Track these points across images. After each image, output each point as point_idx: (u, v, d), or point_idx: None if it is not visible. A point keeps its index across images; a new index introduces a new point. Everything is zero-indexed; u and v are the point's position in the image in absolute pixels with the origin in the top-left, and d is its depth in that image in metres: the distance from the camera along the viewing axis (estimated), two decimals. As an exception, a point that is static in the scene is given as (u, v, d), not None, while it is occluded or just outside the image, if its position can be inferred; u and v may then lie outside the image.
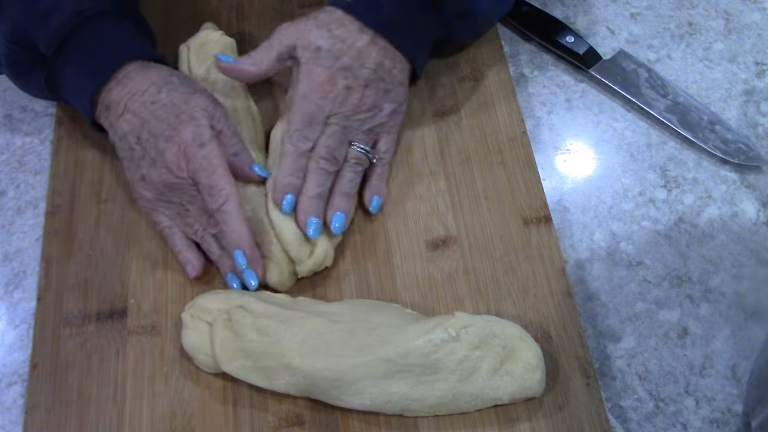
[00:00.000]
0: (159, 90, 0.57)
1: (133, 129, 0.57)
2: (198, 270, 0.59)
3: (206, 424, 0.54)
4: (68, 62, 0.58)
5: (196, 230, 0.58)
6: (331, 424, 0.54)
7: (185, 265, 0.59)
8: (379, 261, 0.60)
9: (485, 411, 0.54)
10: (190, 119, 0.56)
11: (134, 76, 0.58)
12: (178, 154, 0.56)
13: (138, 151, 0.57)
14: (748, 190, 0.64)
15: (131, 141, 0.57)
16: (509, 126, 0.66)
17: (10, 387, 0.57)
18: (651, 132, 0.67)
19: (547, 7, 0.74)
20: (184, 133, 0.56)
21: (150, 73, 0.58)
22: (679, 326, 0.59)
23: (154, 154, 0.56)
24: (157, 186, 0.57)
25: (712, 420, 0.55)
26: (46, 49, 0.58)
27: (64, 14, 0.57)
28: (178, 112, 0.56)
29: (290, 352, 0.52)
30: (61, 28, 0.57)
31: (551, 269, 0.59)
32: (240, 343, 0.53)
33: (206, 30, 0.67)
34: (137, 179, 0.58)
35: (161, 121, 0.56)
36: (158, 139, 0.56)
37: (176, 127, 0.56)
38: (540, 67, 0.71)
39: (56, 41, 0.57)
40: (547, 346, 0.56)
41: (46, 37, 0.57)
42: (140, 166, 0.57)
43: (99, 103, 0.58)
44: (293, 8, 0.73)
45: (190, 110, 0.57)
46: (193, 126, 0.56)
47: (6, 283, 0.61)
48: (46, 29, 0.57)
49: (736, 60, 0.71)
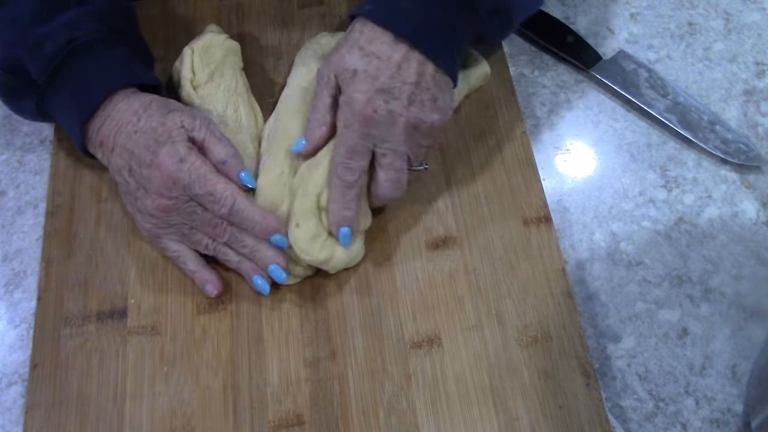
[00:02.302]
0: (139, 119, 0.57)
1: (125, 163, 0.57)
2: (218, 288, 0.58)
3: (206, 424, 0.54)
4: (59, 91, 0.58)
5: (206, 244, 0.58)
6: (331, 424, 0.54)
7: (204, 286, 0.58)
8: (379, 261, 0.60)
9: (485, 411, 0.54)
10: (166, 139, 0.56)
11: (120, 108, 0.57)
12: (162, 177, 0.55)
13: (132, 183, 0.57)
14: (748, 190, 0.64)
15: (125, 175, 0.57)
16: (509, 126, 0.66)
17: (10, 387, 0.57)
18: (651, 132, 0.67)
19: (547, 7, 0.74)
20: (162, 155, 0.55)
21: (132, 103, 0.57)
22: (679, 326, 0.59)
23: (144, 183, 0.56)
24: (154, 213, 0.56)
25: (712, 420, 0.55)
26: (38, 76, 0.57)
27: (57, 42, 0.56)
28: (156, 136, 0.56)
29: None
30: (53, 57, 0.56)
31: (551, 269, 0.59)
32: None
33: (210, 32, 0.67)
34: (136, 212, 0.58)
35: (144, 148, 0.56)
36: (143, 167, 0.56)
37: (155, 151, 0.55)
38: (540, 67, 0.71)
39: (48, 69, 0.57)
40: (547, 346, 0.56)
41: (37, 65, 0.57)
42: (137, 197, 0.57)
43: (92, 137, 0.58)
44: (293, 8, 0.73)
45: (167, 131, 0.56)
46: (168, 146, 0.55)
47: (6, 283, 0.61)
48: (38, 57, 0.56)
49: (736, 60, 0.71)
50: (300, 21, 0.72)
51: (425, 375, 0.55)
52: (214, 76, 0.64)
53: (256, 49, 0.70)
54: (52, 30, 0.56)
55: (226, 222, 0.57)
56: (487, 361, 0.56)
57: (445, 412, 0.54)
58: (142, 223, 0.58)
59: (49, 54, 0.56)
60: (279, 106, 0.64)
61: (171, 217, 0.57)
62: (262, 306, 0.59)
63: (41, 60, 0.57)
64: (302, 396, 0.55)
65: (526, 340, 0.57)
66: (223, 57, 0.65)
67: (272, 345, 0.57)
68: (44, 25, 0.56)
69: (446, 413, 0.54)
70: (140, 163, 0.56)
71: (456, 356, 0.56)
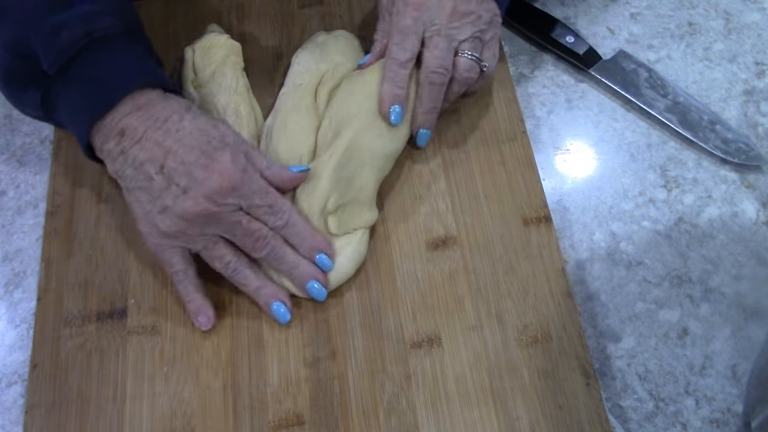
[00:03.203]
0: (181, 118, 0.55)
1: (153, 158, 0.54)
2: (213, 322, 0.57)
3: (206, 424, 0.54)
4: (69, 83, 0.55)
5: (228, 262, 0.56)
6: (331, 424, 0.54)
7: (197, 315, 0.57)
8: (379, 261, 0.60)
9: (485, 411, 0.54)
10: (223, 145, 0.54)
11: (156, 104, 0.55)
12: (221, 182, 0.53)
13: (159, 181, 0.54)
14: (748, 190, 0.64)
15: (150, 171, 0.54)
16: (509, 126, 0.66)
17: (10, 387, 0.57)
18: (651, 132, 0.67)
19: (547, 7, 0.74)
20: (223, 161, 0.53)
21: (171, 102, 0.56)
22: (679, 326, 0.59)
23: (185, 184, 0.53)
24: (190, 218, 0.53)
25: (712, 420, 0.55)
26: (49, 66, 0.54)
27: (74, 33, 0.54)
28: (208, 139, 0.54)
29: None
30: (69, 47, 0.54)
31: (551, 269, 0.59)
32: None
33: (212, 33, 0.67)
34: (155, 211, 0.54)
35: (191, 149, 0.54)
36: (192, 167, 0.53)
37: (211, 155, 0.54)
38: (540, 67, 0.71)
39: (61, 60, 0.54)
40: (547, 346, 0.56)
41: (51, 54, 0.54)
42: (161, 197, 0.54)
43: (107, 125, 0.55)
44: (293, 8, 0.73)
45: (220, 136, 0.55)
46: (229, 152, 0.54)
47: (6, 283, 0.61)
48: (53, 46, 0.54)
49: (736, 60, 0.71)
50: (300, 21, 0.72)
51: (425, 375, 0.56)
52: (215, 76, 0.64)
53: (256, 49, 0.70)
54: (69, 20, 0.54)
55: (270, 236, 0.56)
56: (487, 361, 0.56)
57: (445, 412, 0.54)
58: (159, 224, 0.55)
59: (65, 43, 0.54)
60: (277, 104, 0.65)
61: (207, 225, 0.54)
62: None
63: (56, 49, 0.54)
64: (302, 396, 0.55)
65: (526, 340, 0.57)
66: (224, 57, 0.65)
67: (272, 345, 0.57)
68: (60, 14, 0.54)
69: (446, 413, 0.54)
70: (185, 163, 0.53)
71: (456, 356, 0.56)
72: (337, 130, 0.61)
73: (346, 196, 0.59)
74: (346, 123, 0.60)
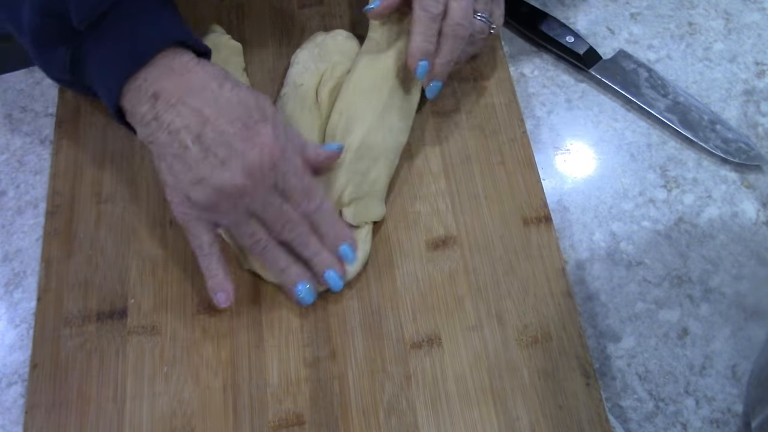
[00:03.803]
0: (220, 86, 0.53)
1: (191, 126, 0.51)
2: (231, 300, 0.56)
3: (206, 424, 0.54)
4: (102, 38, 0.53)
5: (259, 239, 0.54)
6: (331, 424, 0.54)
7: (217, 292, 0.56)
8: (379, 261, 0.60)
9: (485, 411, 0.54)
10: (264, 119, 0.52)
11: (192, 68, 0.53)
12: (261, 156, 0.51)
13: (194, 151, 0.51)
14: (748, 190, 0.64)
15: (186, 139, 0.51)
16: (509, 126, 0.66)
17: (10, 387, 0.57)
18: (651, 132, 0.67)
19: (547, 7, 0.74)
20: (264, 134, 0.52)
21: (207, 68, 0.53)
22: (679, 326, 0.59)
23: (224, 155, 0.51)
24: (229, 190, 0.51)
25: (712, 420, 0.55)
26: (80, 21, 0.52)
27: None
28: (249, 111, 0.52)
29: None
30: (102, 1, 0.52)
31: (551, 269, 0.59)
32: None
33: (214, 33, 0.67)
34: (189, 182, 0.52)
35: (232, 119, 0.52)
36: (232, 138, 0.51)
37: (253, 127, 0.52)
38: (540, 67, 0.71)
39: (93, 15, 0.52)
40: (547, 346, 0.56)
41: (83, 9, 0.52)
42: (197, 167, 0.51)
43: (139, 87, 0.52)
44: (293, 8, 0.73)
45: (261, 108, 0.53)
46: (270, 127, 0.52)
47: (6, 283, 0.61)
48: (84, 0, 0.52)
49: (736, 60, 0.71)
50: (300, 21, 0.72)
51: (425, 375, 0.56)
52: None
53: (256, 49, 0.70)
54: None
55: (300, 219, 0.55)
56: (487, 361, 0.56)
57: (445, 412, 0.54)
58: (193, 195, 0.52)
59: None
60: (278, 105, 0.65)
61: (241, 201, 0.52)
62: (262, 306, 0.59)
63: (87, 3, 0.52)
64: (302, 396, 0.55)
65: (526, 340, 0.57)
66: (226, 57, 0.65)
67: (272, 345, 0.57)
68: None
69: (446, 413, 0.54)
70: (224, 133, 0.51)
71: (456, 356, 0.56)
72: (349, 124, 0.61)
73: (361, 189, 0.60)
74: (359, 117, 0.61)
